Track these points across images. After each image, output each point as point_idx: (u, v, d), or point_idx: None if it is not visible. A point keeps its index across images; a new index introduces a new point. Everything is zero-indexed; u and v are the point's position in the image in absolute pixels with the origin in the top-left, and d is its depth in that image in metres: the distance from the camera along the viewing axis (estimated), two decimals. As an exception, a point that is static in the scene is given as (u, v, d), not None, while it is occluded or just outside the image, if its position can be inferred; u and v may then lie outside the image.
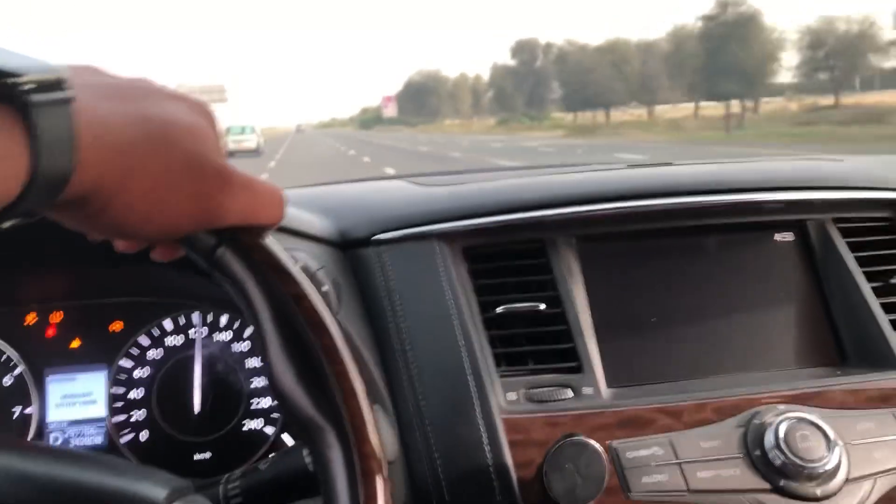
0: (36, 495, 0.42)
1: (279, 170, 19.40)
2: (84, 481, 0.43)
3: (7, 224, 0.37)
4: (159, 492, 0.43)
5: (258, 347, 0.45)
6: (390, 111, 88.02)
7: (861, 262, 0.88)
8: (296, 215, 0.88)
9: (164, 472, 0.46)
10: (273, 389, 0.44)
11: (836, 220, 0.91)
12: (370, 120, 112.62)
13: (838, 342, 0.86)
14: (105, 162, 0.37)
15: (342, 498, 0.42)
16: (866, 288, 0.87)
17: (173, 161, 0.40)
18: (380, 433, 0.45)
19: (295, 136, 69.96)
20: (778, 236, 0.90)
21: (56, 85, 0.35)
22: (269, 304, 0.45)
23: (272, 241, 0.46)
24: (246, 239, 0.45)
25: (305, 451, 0.61)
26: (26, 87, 0.33)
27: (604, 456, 0.70)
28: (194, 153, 0.42)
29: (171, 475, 0.46)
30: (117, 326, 0.93)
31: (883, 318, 0.85)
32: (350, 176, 1.51)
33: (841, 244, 0.89)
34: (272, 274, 0.45)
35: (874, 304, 0.85)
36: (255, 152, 30.96)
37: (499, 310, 0.81)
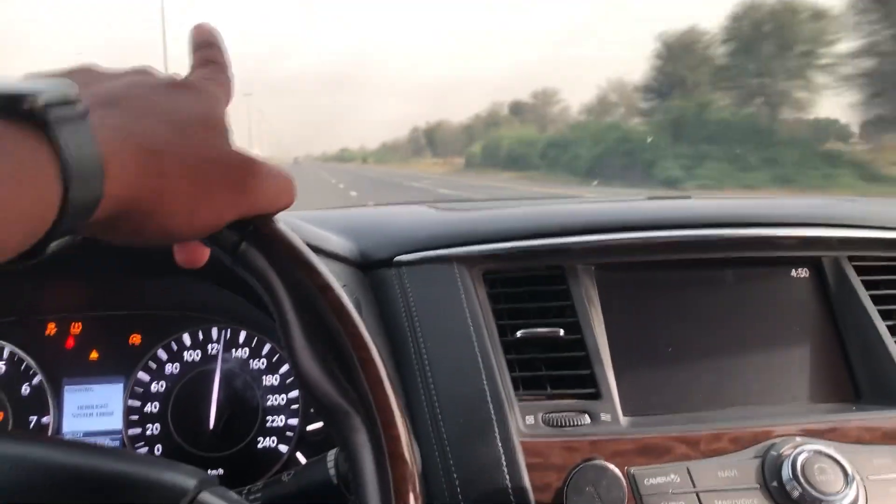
0: (65, 485, 0.42)
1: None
2: (114, 470, 0.43)
3: (54, 246, 0.36)
4: (189, 481, 0.44)
5: (282, 340, 0.46)
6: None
7: (876, 300, 0.89)
8: (318, 234, 0.89)
9: (191, 466, 0.46)
10: (298, 378, 0.45)
11: (852, 258, 0.92)
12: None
13: (853, 378, 0.87)
14: (136, 168, 0.37)
15: (371, 483, 0.42)
16: (881, 326, 0.87)
17: (202, 155, 0.41)
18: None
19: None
20: (794, 272, 0.91)
21: (68, 101, 0.35)
22: (291, 295, 0.46)
23: (294, 234, 0.47)
24: (268, 232, 0.46)
25: (330, 464, 0.62)
26: (43, 105, 0.33)
27: (623, 481, 0.70)
28: (217, 143, 0.42)
29: (198, 468, 0.46)
30: (136, 339, 0.93)
31: None
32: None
33: (856, 282, 0.90)
34: (295, 266, 0.46)
35: (889, 341, 0.86)
36: None
37: (518, 334, 0.82)
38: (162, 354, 0.92)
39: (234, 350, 0.93)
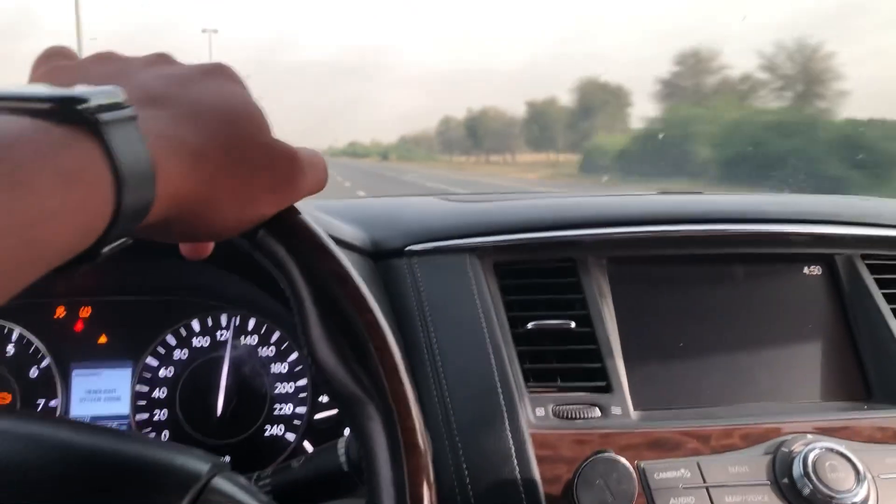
0: (78, 465, 0.42)
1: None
2: (128, 452, 0.43)
3: (107, 250, 0.35)
4: (202, 465, 0.43)
5: (299, 328, 0.45)
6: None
7: (889, 299, 0.89)
8: (328, 223, 0.89)
9: (202, 450, 0.46)
10: (314, 366, 0.45)
11: (865, 257, 0.91)
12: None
13: (864, 377, 0.86)
14: (185, 169, 0.37)
15: (385, 472, 0.42)
16: (893, 325, 0.87)
17: (248, 150, 0.40)
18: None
19: None
20: (806, 269, 0.91)
21: (117, 104, 0.34)
22: (310, 284, 0.45)
23: (313, 223, 0.47)
24: (288, 220, 0.46)
25: (341, 451, 0.61)
26: (95, 107, 0.33)
27: (634, 475, 0.69)
28: (260, 135, 0.41)
29: (210, 453, 0.46)
30: (145, 324, 0.93)
31: None
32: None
33: (869, 280, 0.89)
34: (314, 254, 0.46)
35: None
36: None
37: (529, 326, 0.82)
38: (171, 340, 0.92)
39: (243, 337, 0.93)
